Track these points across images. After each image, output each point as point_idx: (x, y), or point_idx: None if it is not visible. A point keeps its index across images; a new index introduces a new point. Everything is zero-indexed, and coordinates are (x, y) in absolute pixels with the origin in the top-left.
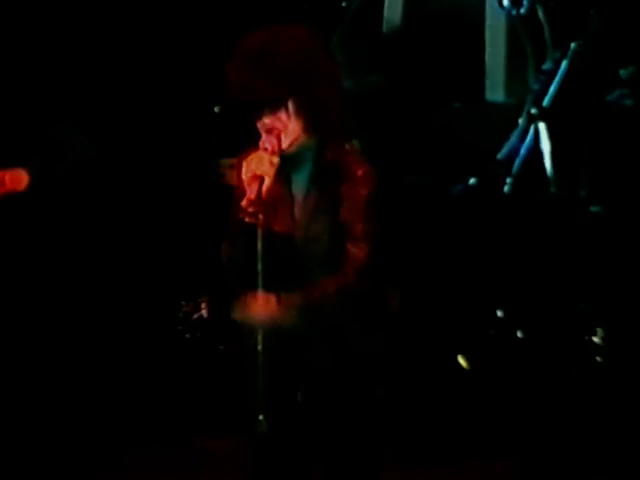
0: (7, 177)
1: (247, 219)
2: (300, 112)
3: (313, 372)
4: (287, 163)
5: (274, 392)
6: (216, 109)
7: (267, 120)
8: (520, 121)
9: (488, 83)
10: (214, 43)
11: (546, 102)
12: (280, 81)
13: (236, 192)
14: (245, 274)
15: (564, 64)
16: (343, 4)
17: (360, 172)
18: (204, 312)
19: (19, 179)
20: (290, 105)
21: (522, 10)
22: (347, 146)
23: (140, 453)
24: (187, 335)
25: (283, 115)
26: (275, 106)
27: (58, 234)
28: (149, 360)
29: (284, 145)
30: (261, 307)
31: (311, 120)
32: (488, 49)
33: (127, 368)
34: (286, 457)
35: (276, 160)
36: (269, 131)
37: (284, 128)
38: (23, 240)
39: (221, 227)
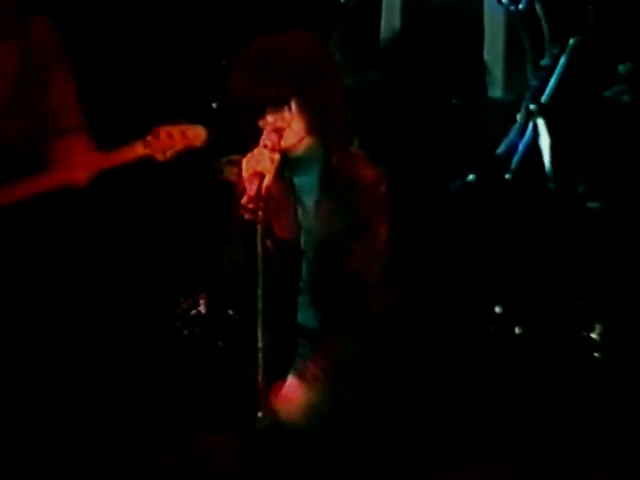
0: (188, 132)
1: (247, 216)
2: (303, 111)
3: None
4: (290, 168)
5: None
6: (214, 105)
7: (270, 118)
8: (518, 117)
9: (487, 79)
10: (212, 39)
11: (544, 98)
12: (283, 80)
13: (236, 190)
14: (246, 274)
15: (562, 60)
16: (341, 1)
17: (371, 175)
18: (202, 308)
19: (199, 134)
20: (293, 104)
21: (520, 6)
22: (352, 149)
23: (137, 449)
24: (185, 331)
25: (286, 114)
26: (278, 105)
27: (57, 231)
28: (147, 356)
29: (287, 144)
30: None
31: (314, 120)
32: (486, 45)
33: (125, 364)
34: (284, 454)
35: (276, 157)
36: (273, 129)
37: (287, 127)
38: (23, 236)
39: (219, 223)
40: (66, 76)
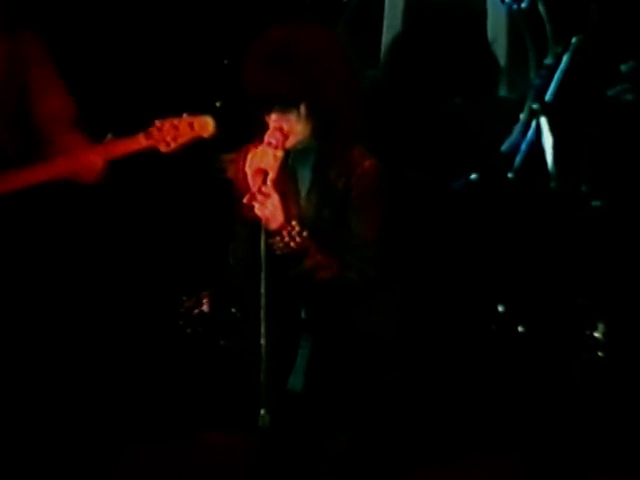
0: (195, 123)
1: (250, 213)
2: (311, 117)
3: (322, 363)
4: (293, 159)
5: (276, 386)
6: (217, 104)
7: (275, 117)
8: (521, 116)
9: (490, 78)
10: (215, 36)
11: (547, 97)
12: (297, 82)
13: (236, 187)
14: (250, 270)
15: (565, 59)
16: None
17: (367, 165)
18: (205, 307)
19: (206, 125)
20: (302, 108)
21: (523, 5)
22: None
23: (141, 448)
24: (188, 330)
25: (293, 117)
26: (287, 105)
27: (59, 230)
28: (150, 355)
29: (289, 144)
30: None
31: (320, 127)
32: (490, 44)
33: (128, 363)
34: (288, 451)
35: (280, 154)
36: (277, 128)
37: (292, 129)
38: (23, 234)
39: (222, 222)
40: (54, 83)
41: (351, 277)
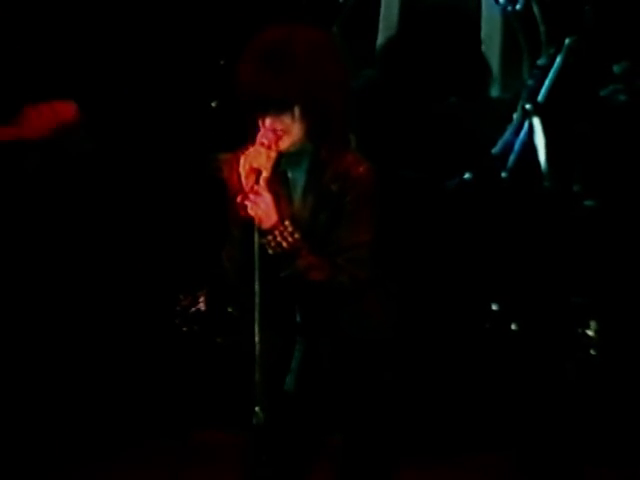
0: (58, 108)
1: (243, 213)
2: (305, 119)
3: (315, 363)
4: (285, 162)
5: (271, 384)
6: (213, 104)
7: (269, 120)
8: (514, 116)
9: (484, 78)
10: (211, 37)
11: (540, 97)
12: (291, 84)
13: (229, 187)
14: (244, 270)
15: (558, 59)
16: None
17: (362, 170)
18: (201, 305)
19: (69, 109)
20: (296, 110)
21: (517, 6)
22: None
23: (136, 447)
24: (184, 328)
25: (287, 119)
26: (281, 108)
27: (56, 228)
28: (146, 353)
29: (283, 146)
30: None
31: (315, 128)
32: (484, 44)
33: (124, 361)
34: (283, 449)
35: (273, 154)
36: (270, 128)
37: (286, 131)
38: (21, 233)
39: (218, 220)
40: None
41: (342, 280)
